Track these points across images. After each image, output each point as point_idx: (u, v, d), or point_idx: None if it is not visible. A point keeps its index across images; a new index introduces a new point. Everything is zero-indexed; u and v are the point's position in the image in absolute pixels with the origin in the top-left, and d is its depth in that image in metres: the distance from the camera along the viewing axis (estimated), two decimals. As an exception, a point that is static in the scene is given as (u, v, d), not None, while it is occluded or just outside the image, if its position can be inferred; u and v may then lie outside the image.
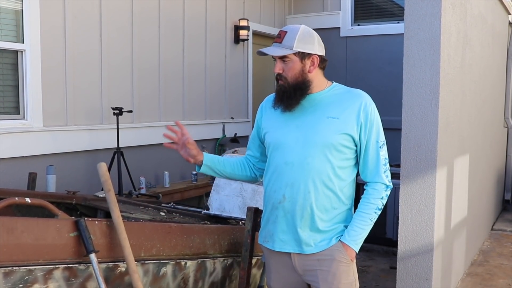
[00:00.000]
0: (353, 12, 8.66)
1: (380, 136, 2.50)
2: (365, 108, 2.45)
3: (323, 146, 2.42)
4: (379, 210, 2.50)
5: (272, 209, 2.54)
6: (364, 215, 2.48)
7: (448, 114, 4.02)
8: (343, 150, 2.45)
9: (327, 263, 2.48)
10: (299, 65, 2.45)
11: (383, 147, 2.50)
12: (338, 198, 2.48)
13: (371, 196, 2.50)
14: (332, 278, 2.48)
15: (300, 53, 2.44)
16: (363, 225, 2.48)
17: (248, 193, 3.77)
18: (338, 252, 2.48)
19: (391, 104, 7.56)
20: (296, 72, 2.45)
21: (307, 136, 2.45)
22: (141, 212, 3.84)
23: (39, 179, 4.42)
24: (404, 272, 3.93)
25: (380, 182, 2.50)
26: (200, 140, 7.10)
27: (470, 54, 4.80)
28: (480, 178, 5.86)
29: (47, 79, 5.07)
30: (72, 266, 2.33)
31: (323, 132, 2.43)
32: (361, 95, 2.50)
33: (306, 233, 2.47)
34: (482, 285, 4.95)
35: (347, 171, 2.49)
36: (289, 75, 2.45)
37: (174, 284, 2.83)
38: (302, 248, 2.49)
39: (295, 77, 2.45)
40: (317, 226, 2.46)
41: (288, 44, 2.43)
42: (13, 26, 4.84)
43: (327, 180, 2.44)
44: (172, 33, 6.59)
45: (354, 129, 2.44)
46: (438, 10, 3.70)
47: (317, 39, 2.50)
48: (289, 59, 2.44)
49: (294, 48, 2.42)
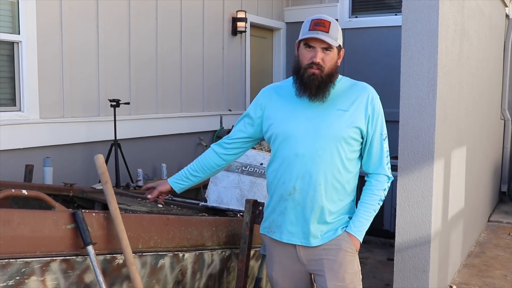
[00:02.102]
0: (351, 4, 8.64)
1: (384, 128, 2.54)
2: (372, 101, 2.49)
3: (334, 139, 2.44)
4: (381, 201, 2.54)
5: (281, 200, 2.54)
6: (368, 206, 2.52)
7: (445, 106, 4.02)
8: (351, 142, 2.47)
9: (333, 252, 2.50)
10: (336, 57, 2.49)
11: (386, 139, 2.55)
12: (344, 190, 2.50)
13: (375, 187, 2.53)
14: (339, 267, 2.50)
15: (339, 46, 2.49)
16: (367, 215, 2.52)
17: (246, 185, 3.77)
18: (345, 242, 2.50)
19: (388, 96, 7.52)
20: (333, 63, 2.47)
21: (318, 129, 2.45)
22: (139, 204, 3.84)
23: (36, 171, 4.41)
24: (402, 264, 3.95)
25: (383, 174, 2.54)
26: (197, 132, 7.10)
27: (468, 46, 4.80)
28: (477, 170, 5.87)
29: (43, 71, 5.05)
30: (70, 258, 2.33)
31: (334, 125, 2.44)
32: (368, 88, 2.54)
33: (315, 225, 2.48)
34: (478, 276, 4.97)
35: (353, 163, 2.52)
36: (327, 65, 2.45)
37: (172, 276, 2.83)
38: (309, 240, 2.50)
39: (332, 68, 2.47)
40: (325, 219, 2.48)
41: (335, 35, 2.45)
42: (9, 17, 4.82)
43: (336, 173, 2.46)
44: (170, 25, 6.57)
45: (363, 122, 2.47)
46: (436, 2, 3.69)
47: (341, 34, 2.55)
48: (331, 50, 2.45)
49: (338, 41, 2.46)
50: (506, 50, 7.84)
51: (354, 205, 2.59)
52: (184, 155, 6.88)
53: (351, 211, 2.56)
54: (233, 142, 2.76)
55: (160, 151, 6.50)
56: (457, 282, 4.78)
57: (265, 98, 2.66)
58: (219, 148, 2.78)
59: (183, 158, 6.82)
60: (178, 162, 6.71)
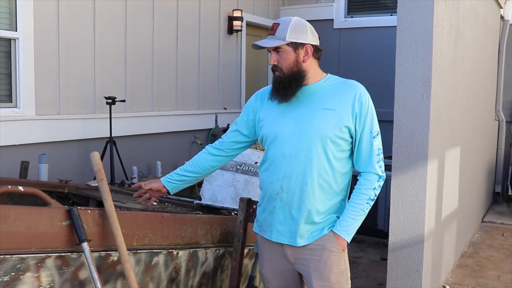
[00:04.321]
0: (347, 4, 8.65)
1: (374, 126, 2.50)
2: (359, 99, 2.46)
3: (319, 138, 2.43)
4: (372, 201, 2.51)
5: (269, 200, 2.56)
6: (356, 205, 2.49)
7: (439, 107, 4.04)
8: (339, 142, 2.46)
9: (318, 253, 2.51)
10: (293, 55, 2.46)
11: (377, 137, 2.51)
12: (332, 189, 2.50)
13: (363, 186, 2.51)
14: (323, 267, 2.50)
15: (293, 43, 2.45)
16: (354, 215, 2.49)
17: (241, 184, 3.78)
18: (329, 241, 2.50)
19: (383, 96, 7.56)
20: (290, 62, 2.46)
21: (303, 128, 2.46)
22: (134, 201, 3.85)
23: (31, 168, 4.41)
24: (395, 263, 3.96)
25: (373, 172, 2.50)
26: (192, 130, 7.11)
27: (462, 47, 4.82)
28: (471, 171, 5.90)
29: (40, 68, 5.06)
30: (65, 255, 2.34)
31: (319, 124, 2.44)
32: (356, 86, 2.51)
33: (302, 225, 2.49)
34: (472, 276, 4.99)
35: (342, 162, 2.51)
36: (284, 65, 2.47)
37: (166, 274, 2.84)
38: (296, 240, 2.52)
39: (290, 68, 2.47)
40: (313, 219, 2.49)
41: (281, 35, 2.45)
42: (6, 14, 4.82)
43: (323, 172, 2.46)
44: (166, 23, 6.57)
45: (350, 120, 2.45)
46: (430, 3, 3.71)
47: (310, 29, 2.51)
48: (283, 50, 2.46)
49: (287, 39, 2.44)
50: (500, 51, 7.87)
51: (344, 204, 2.58)
52: (179, 153, 6.90)
53: (340, 210, 2.55)
54: (228, 143, 2.79)
55: (155, 148, 6.51)
56: (450, 282, 4.80)
57: (257, 101, 2.69)
58: (214, 150, 2.80)
59: (178, 156, 6.83)
60: (173, 160, 6.72)
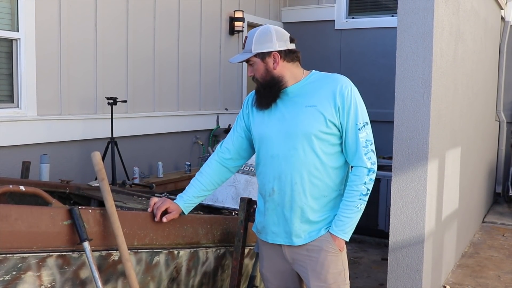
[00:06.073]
0: (348, 5, 8.65)
1: (359, 118, 2.46)
2: (341, 91, 2.44)
3: (304, 136, 2.44)
4: (365, 196, 2.48)
5: (264, 202, 2.61)
6: (348, 203, 2.48)
7: (440, 107, 4.04)
8: (325, 137, 2.46)
9: (315, 253, 2.52)
10: (262, 65, 2.52)
11: (363, 128, 2.47)
12: (327, 185, 2.50)
13: (354, 183, 2.48)
14: (321, 268, 2.52)
15: (260, 54, 2.51)
16: (348, 213, 2.48)
17: (241, 184, 3.79)
18: (326, 242, 2.51)
19: (384, 97, 7.58)
20: (262, 72, 2.53)
21: (287, 128, 2.48)
22: (135, 201, 3.85)
23: (32, 168, 4.42)
24: (395, 263, 3.97)
25: (362, 166, 2.47)
26: (194, 131, 7.12)
27: (463, 48, 4.83)
28: (472, 171, 5.90)
29: (41, 68, 5.07)
30: (66, 254, 2.34)
31: (302, 122, 2.45)
32: (338, 79, 2.50)
33: (297, 225, 2.50)
34: (472, 276, 5.00)
35: (334, 157, 2.50)
36: (258, 76, 2.55)
37: (166, 273, 2.85)
38: (292, 240, 2.53)
39: (263, 77, 2.53)
40: (308, 217, 2.49)
41: (248, 48, 2.52)
42: (8, 14, 4.83)
43: (313, 170, 2.46)
44: (167, 24, 6.58)
45: (333, 114, 2.44)
46: (431, 4, 3.71)
47: (276, 35, 2.52)
48: (253, 62, 2.54)
49: (253, 51, 2.50)
50: (501, 52, 7.87)
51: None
52: (180, 154, 6.91)
53: (338, 206, 2.53)
54: (234, 151, 2.78)
55: (157, 149, 6.52)
56: (450, 282, 4.81)
57: (248, 107, 2.72)
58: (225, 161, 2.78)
59: (179, 156, 6.84)
60: (174, 160, 6.73)
